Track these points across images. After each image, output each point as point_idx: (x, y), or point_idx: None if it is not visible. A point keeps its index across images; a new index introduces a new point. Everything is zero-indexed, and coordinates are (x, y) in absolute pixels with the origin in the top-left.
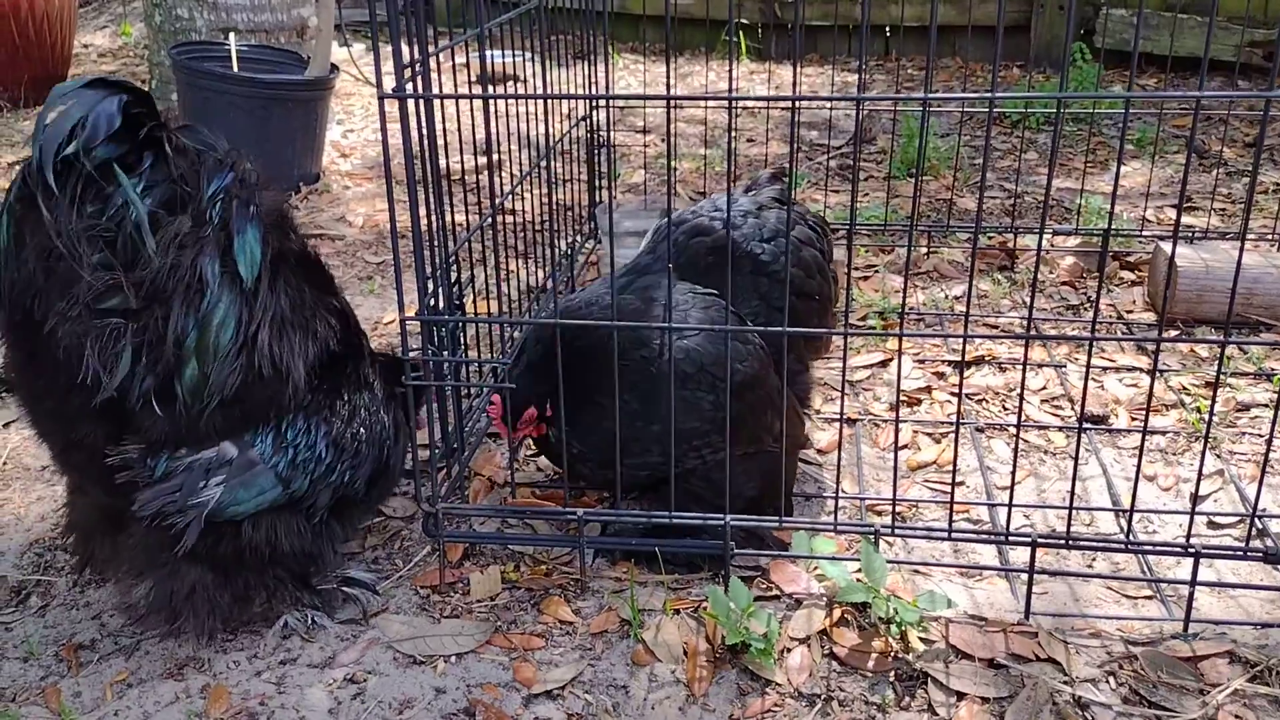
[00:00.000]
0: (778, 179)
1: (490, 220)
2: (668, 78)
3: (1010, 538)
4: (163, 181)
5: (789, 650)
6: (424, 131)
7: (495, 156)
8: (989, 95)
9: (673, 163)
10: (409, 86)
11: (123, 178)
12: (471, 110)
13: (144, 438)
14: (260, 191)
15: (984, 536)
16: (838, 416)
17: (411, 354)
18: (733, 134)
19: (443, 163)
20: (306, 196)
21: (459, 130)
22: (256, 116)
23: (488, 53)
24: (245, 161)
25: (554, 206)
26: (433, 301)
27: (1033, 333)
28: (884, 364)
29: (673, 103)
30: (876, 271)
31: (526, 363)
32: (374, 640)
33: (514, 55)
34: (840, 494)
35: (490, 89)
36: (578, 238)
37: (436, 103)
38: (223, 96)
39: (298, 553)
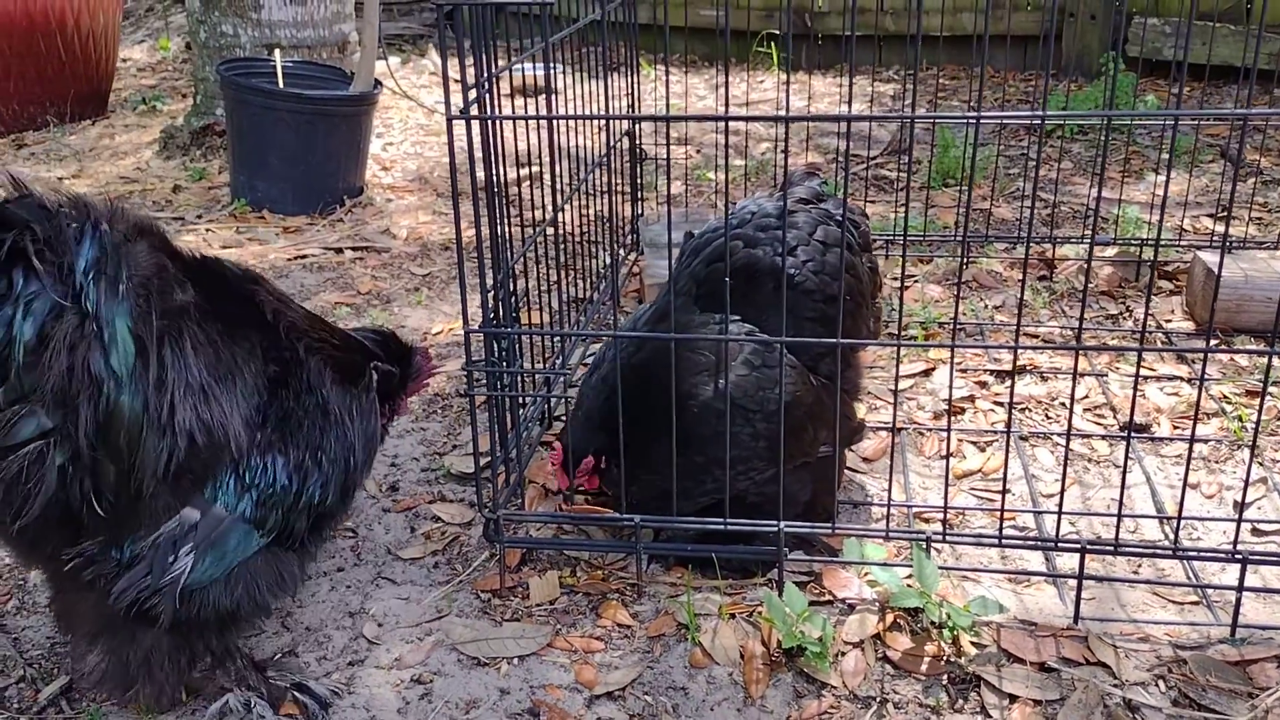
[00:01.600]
0: (811, 174)
1: (542, 233)
2: (725, 97)
3: (1060, 544)
4: (38, 294)
5: (843, 654)
6: (487, 150)
7: (540, 170)
8: (1039, 115)
9: (714, 176)
10: (474, 109)
11: None
12: (515, 126)
13: (99, 532)
14: (129, 251)
15: (1033, 542)
16: (884, 425)
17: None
18: (783, 149)
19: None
20: (351, 209)
21: (501, 143)
22: (303, 132)
23: (519, 66)
24: (102, 218)
25: (598, 219)
26: (492, 314)
27: (1081, 345)
28: (926, 373)
29: (726, 121)
30: (916, 281)
31: (585, 413)
32: (438, 642)
33: (543, 68)
34: (890, 502)
35: (531, 104)
36: (620, 250)
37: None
38: (270, 113)
39: (276, 592)
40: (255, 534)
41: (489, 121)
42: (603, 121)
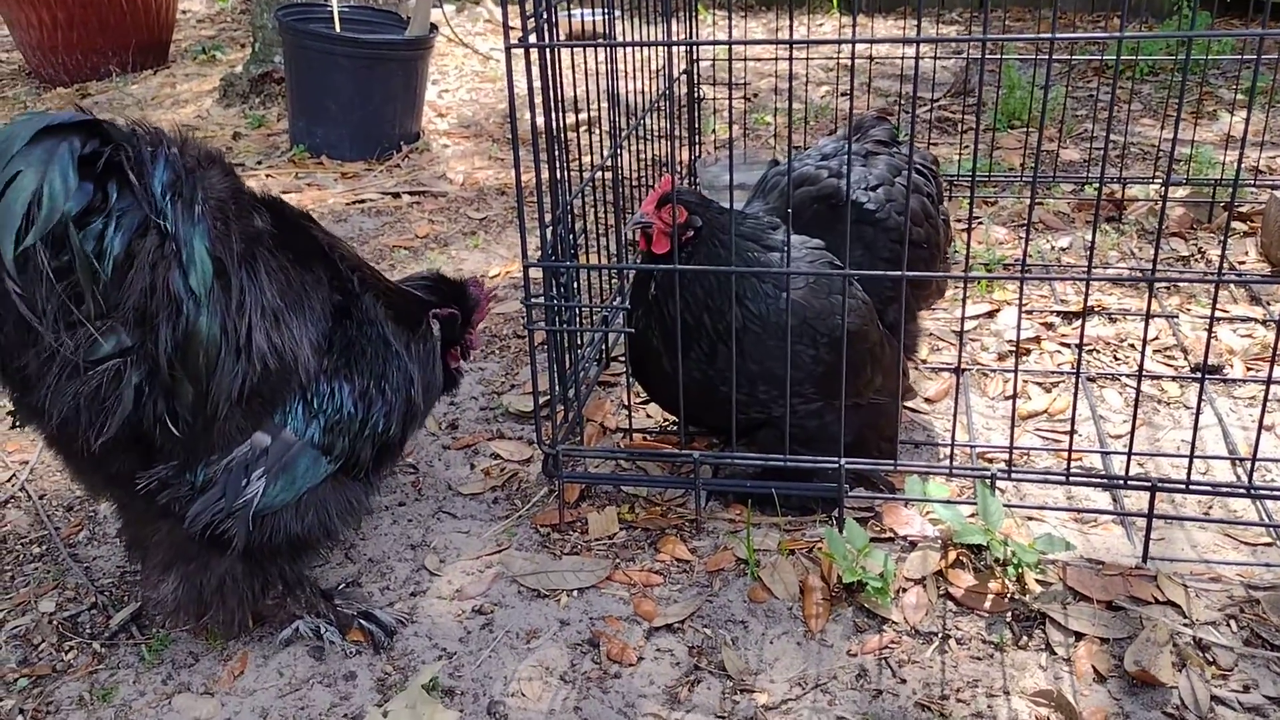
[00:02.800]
0: (883, 120)
1: (602, 169)
2: (790, 26)
3: (1129, 482)
4: (130, 209)
5: (904, 590)
6: (545, 81)
7: (595, 115)
8: (1118, 36)
9: (772, 120)
10: (532, 38)
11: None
12: (574, 70)
13: (173, 455)
14: (203, 176)
15: (1101, 481)
16: (946, 366)
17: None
18: (851, 80)
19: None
20: (408, 155)
21: (560, 84)
22: (360, 77)
23: (575, 11)
24: (173, 144)
25: (656, 161)
26: (551, 250)
27: (1155, 277)
28: (990, 314)
29: (792, 50)
30: (980, 223)
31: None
32: (499, 575)
33: (602, 13)
34: (953, 442)
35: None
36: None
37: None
38: (328, 57)
39: (345, 519)
40: (323, 459)
41: (548, 51)
42: (660, 66)
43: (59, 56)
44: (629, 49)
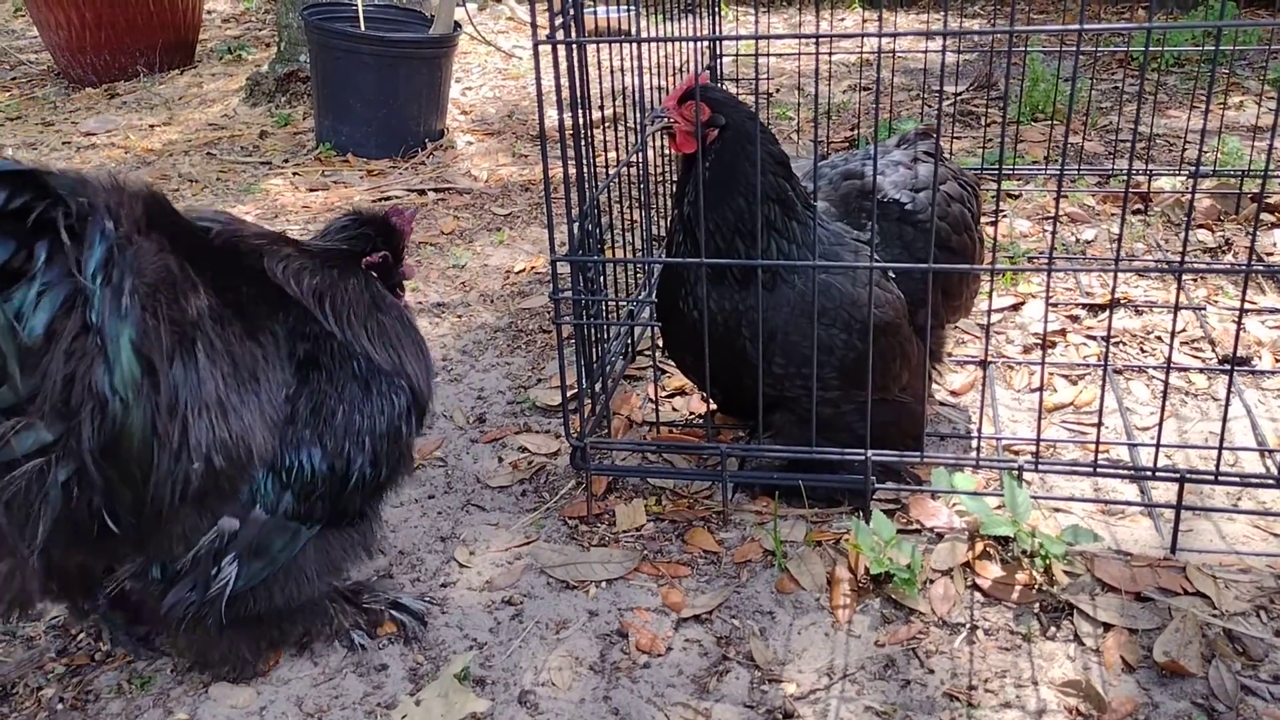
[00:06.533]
0: (927, 135)
1: (627, 164)
2: (816, 21)
3: (1157, 473)
4: (58, 280)
5: (931, 581)
6: (573, 76)
7: (617, 111)
8: (1147, 27)
9: (794, 115)
10: (560, 34)
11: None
12: (598, 63)
13: (132, 554)
14: (136, 255)
15: (1129, 473)
16: (971, 359)
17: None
18: (878, 73)
19: (578, 112)
20: (432, 153)
21: (586, 78)
22: (385, 75)
23: (598, 9)
24: (108, 210)
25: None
26: (578, 246)
27: (1184, 266)
28: (1015, 308)
29: (819, 44)
30: (1004, 216)
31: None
32: (528, 566)
33: (623, 10)
34: (978, 434)
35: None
36: None
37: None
38: (353, 56)
39: (338, 569)
40: (303, 529)
41: (575, 48)
42: (683, 62)
43: (87, 57)
44: (653, 45)
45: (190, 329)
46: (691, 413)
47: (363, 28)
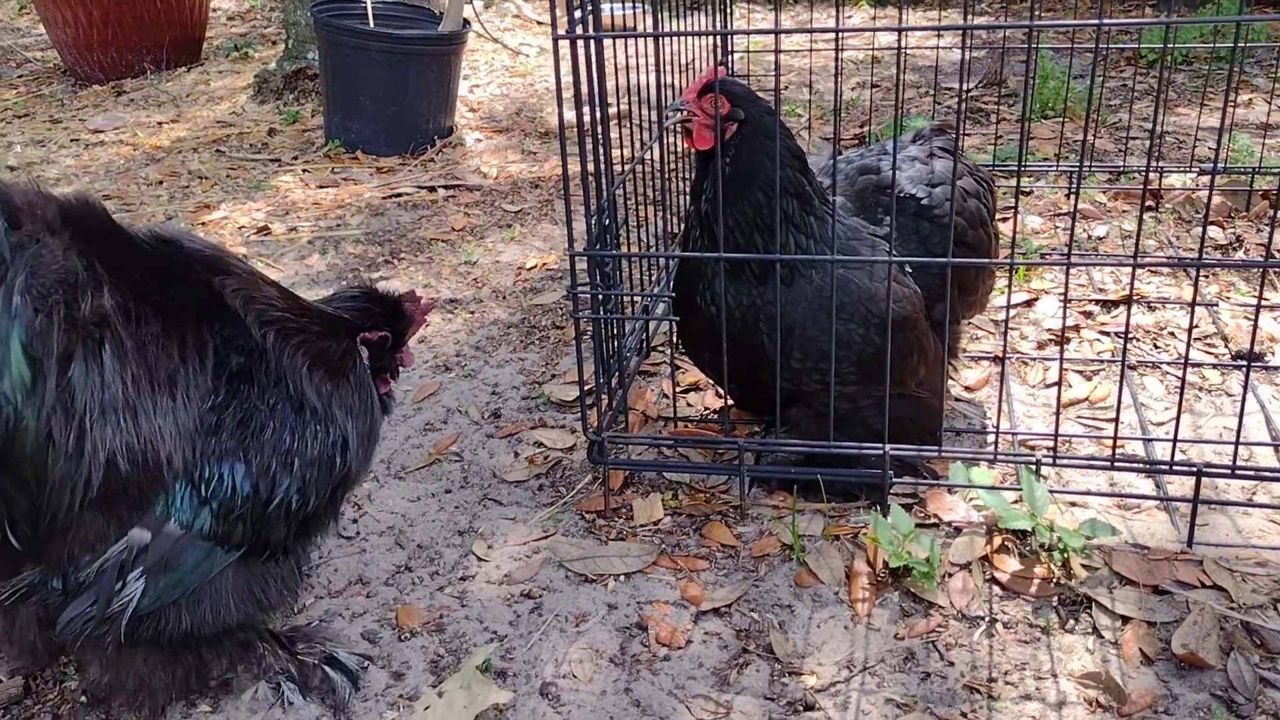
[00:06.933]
0: (943, 132)
1: (642, 159)
2: (836, 16)
3: (1174, 467)
4: None
5: (949, 575)
6: (591, 71)
7: (626, 106)
8: (1165, 21)
9: (802, 113)
10: (578, 29)
11: None
12: (613, 58)
13: (35, 560)
14: (37, 253)
15: (1146, 467)
16: (986, 354)
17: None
18: (899, 66)
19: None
20: (441, 150)
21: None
22: (394, 72)
23: (608, 6)
24: (6, 210)
25: (689, 153)
26: (595, 240)
27: (1202, 261)
28: (1028, 303)
29: (838, 39)
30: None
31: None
32: (546, 560)
33: (630, 7)
34: (996, 429)
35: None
36: None
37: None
38: (362, 53)
39: (260, 605)
40: (219, 550)
41: (593, 43)
42: (690, 59)
43: (94, 54)
44: (664, 42)
45: (95, 329)
46: (706, 408)
47: (372, 24)
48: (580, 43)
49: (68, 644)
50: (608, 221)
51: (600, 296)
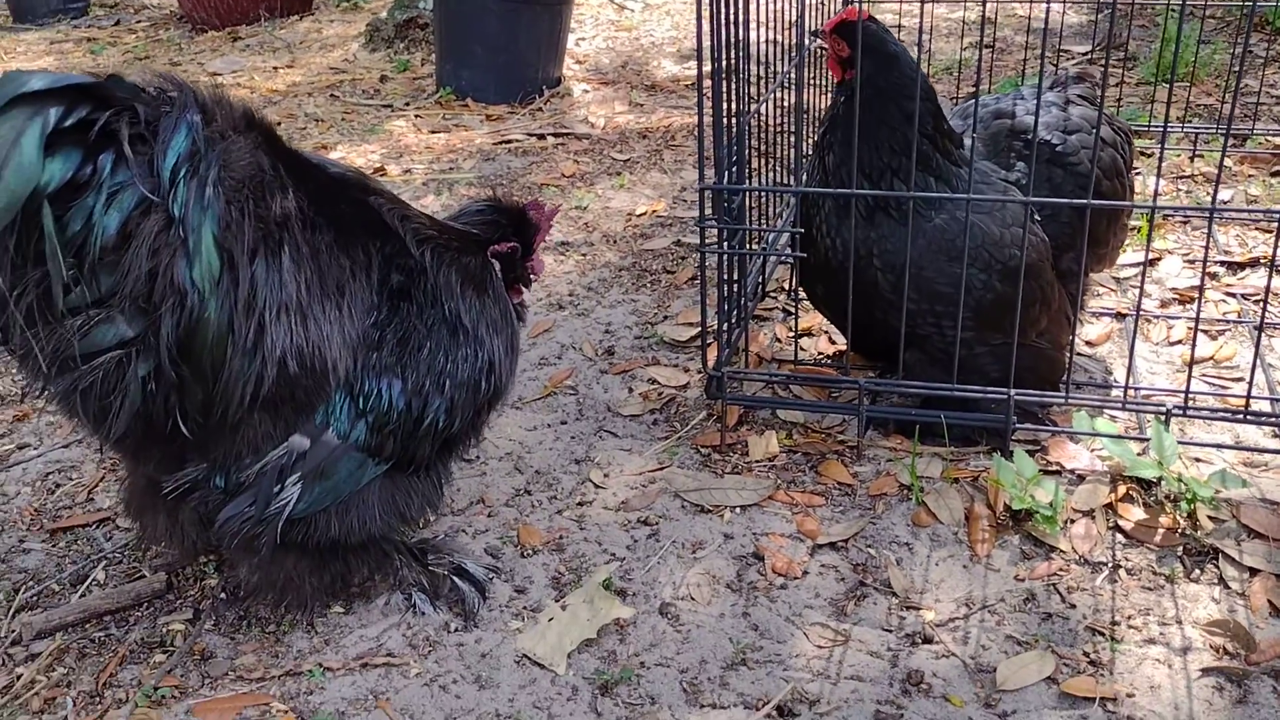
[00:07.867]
0: (1082, 79)
1: (775, 90)
2: None
3: None
4: (126, 185)
5: (1072, 521)
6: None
7: (733, 60)
8: None
9: (927, 63)
10: None
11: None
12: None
13: (200, 457)
14: (227, 149)
15: (1277, 422)
16: (1107, 311)
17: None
18: (1046, 23)
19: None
20: (549, 99)
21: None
22: (507, 21)
23: None
24: (199, 109)
25: (797, 106)
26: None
27: None
28: (1152, 263)
29: None
30: (1138, 174)
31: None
32: (662, 490)
33: None
34: (1125, 383)
35: None
36: None
37: None
38: (477, 2)
39: (403, 517)
40: (370, 462)
41: None
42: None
43: (210, 1)
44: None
45: (276, 229)
46: (820, 353)
47: None
48: None
49: (224, 542)
50: (735, 158)
51: (725, 232)
